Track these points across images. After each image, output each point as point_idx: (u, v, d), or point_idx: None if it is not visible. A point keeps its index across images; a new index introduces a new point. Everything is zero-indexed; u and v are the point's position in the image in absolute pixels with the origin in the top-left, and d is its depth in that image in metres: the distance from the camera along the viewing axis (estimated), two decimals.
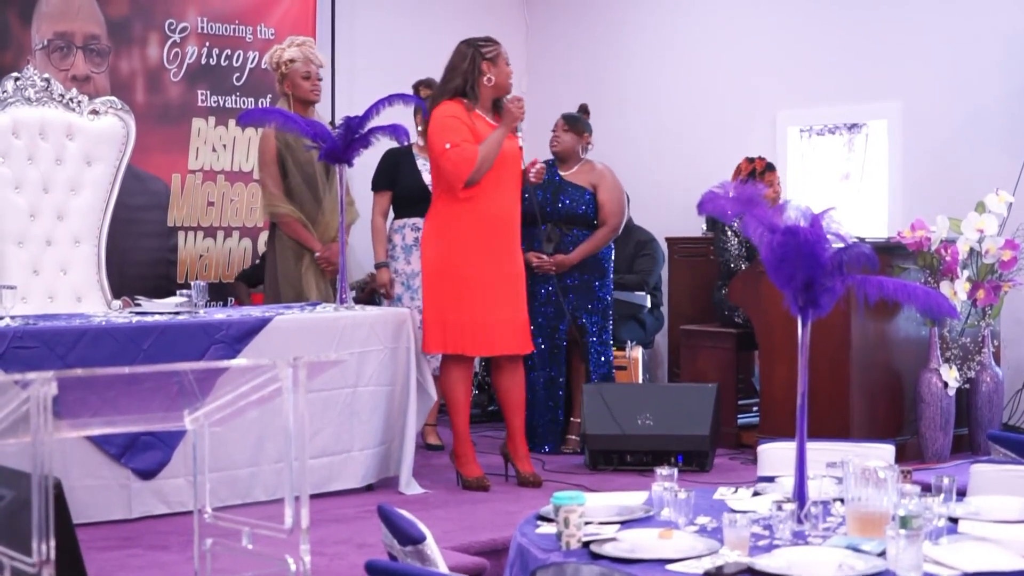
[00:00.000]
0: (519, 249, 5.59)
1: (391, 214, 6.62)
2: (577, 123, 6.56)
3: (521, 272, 5.57)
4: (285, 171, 5.98)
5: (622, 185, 6.64)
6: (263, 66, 6.37)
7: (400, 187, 6.50)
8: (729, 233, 6.79)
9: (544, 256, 6.26)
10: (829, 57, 7.59)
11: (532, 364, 6.27)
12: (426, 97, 6.32)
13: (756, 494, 3.41)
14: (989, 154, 6.84)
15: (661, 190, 8.17)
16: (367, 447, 5.39)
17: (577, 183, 6.44)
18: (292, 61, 6.05)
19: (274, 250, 6.05)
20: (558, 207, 6.36)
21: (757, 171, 6.88)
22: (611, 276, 6.60)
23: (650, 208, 8.00)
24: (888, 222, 7.21)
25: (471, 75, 5.46)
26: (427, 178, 6.46)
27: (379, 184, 6.54)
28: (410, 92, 6.52)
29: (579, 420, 6.25)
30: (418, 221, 6.47)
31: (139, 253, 7.16)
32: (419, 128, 6.50)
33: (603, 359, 6.46)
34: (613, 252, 6.66)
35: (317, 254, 5.97)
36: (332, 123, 6.93)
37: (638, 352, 7.02)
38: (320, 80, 6.17)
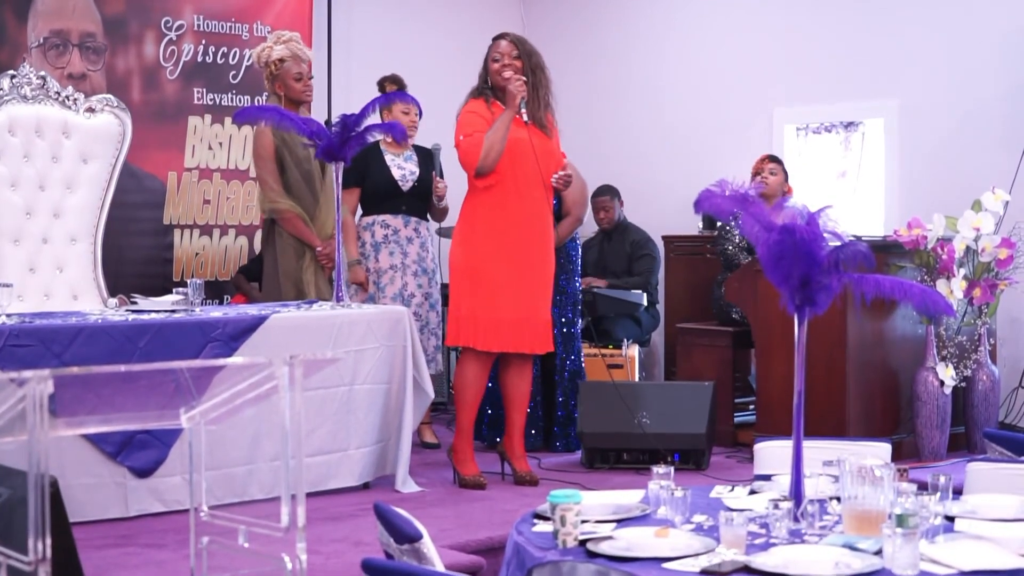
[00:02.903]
0: (548, 247, 5.52)
1: (359, 211, 6.59)
2: None
3: (545, 271, 5.53)
4: (283, 167, 5.96)
5: (584, 179, 6.64)
6: (250, 62, 6.34)
7: (369, 183, 6.46)
8: (733, 224, 6.80)
9: None
10: (826, 55, 7.60)
11: None
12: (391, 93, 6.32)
13: (753, 492, 3.41)
14: (986, 152, 6.84)
15: (658, 188, 8.18)
16: (363, 445, 5.38)
17: None
18: (282, 61, 6.01)
19: (273, 248, 6.00)
20: None
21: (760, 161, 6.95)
22: (579, 270, 6.61)
23: (646, 206, 8.01)
24: (884, 220, 7.21)
25: (483, 79, 5.53)
26: (397, 173, 6.44)
27: (348, 181, 6.48)
28: (407, 90, 6.51)
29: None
30: (388, 218, 6.43)
31: (135, 251, 7.15)
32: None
33: (572, 353, 6.45)
34: (580, 246, 6.67)
35: (318, 250, 5.96)
36: (328, 121, 6.92)
37: (634, 350, 7.02)
38: (311, 78, 6.14)
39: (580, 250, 6.68)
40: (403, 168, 6.47)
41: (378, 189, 6.45)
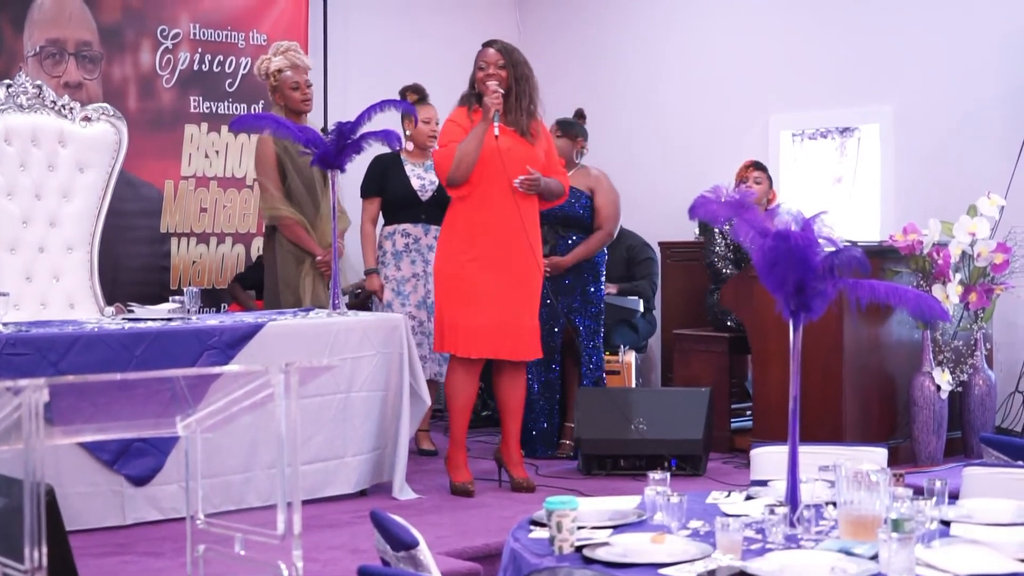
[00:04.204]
0: (532, 254, 5.49)
1: (381, 220, 6.62)
2: (571, 128, 6.57)
3: (531, 277, 5.51)
4: (284, 175, 5.99)
5: (617, 191, 6.63)
6: (255, 74, 6.38)
7: (389, 193, 6.50)
8: (717, 236, 6.80)
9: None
10: (821, 61, 7.61)
11: (528, 366, 6.25)
12: (413, 102, 6.34)
13: (749, 498, 3.41)
14: (981, 157, 6.85)
15: (654, 194, 8.18)
16: (360, 452, 5.38)
17: (575, 187, 6.43)
18: (280, 72, 6.06)
19: (273, 255, 6.03)
20: (555, 210, 6.36)
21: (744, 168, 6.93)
22: (604, 279, 6.60)
23: (643, 212, 8.01)
24: (880, 226, 7.22)
25: (471, 83, 5.54)
26: (416, 183, 6.47)
27: (368, 190, 6.54)
28: (422, 98, 6.52)
29: (573, 425, 6.26)
30: (408, 227, 6.47)
31: (132, 259, 7.16)
32: (407, 133, 6.50)
33: (594, 362, 6.45)
34: (607, 256, 6.66)
35: (318, 258, 5.97)
36: (324, 129, 6.93)
37: (631, 356, 7.01)
38: (310, 86, 6.16)
39: (606, 258, 6.66)
40: (423, 178, 6.49)
41: (397, 199, 6.48)
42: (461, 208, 5.47)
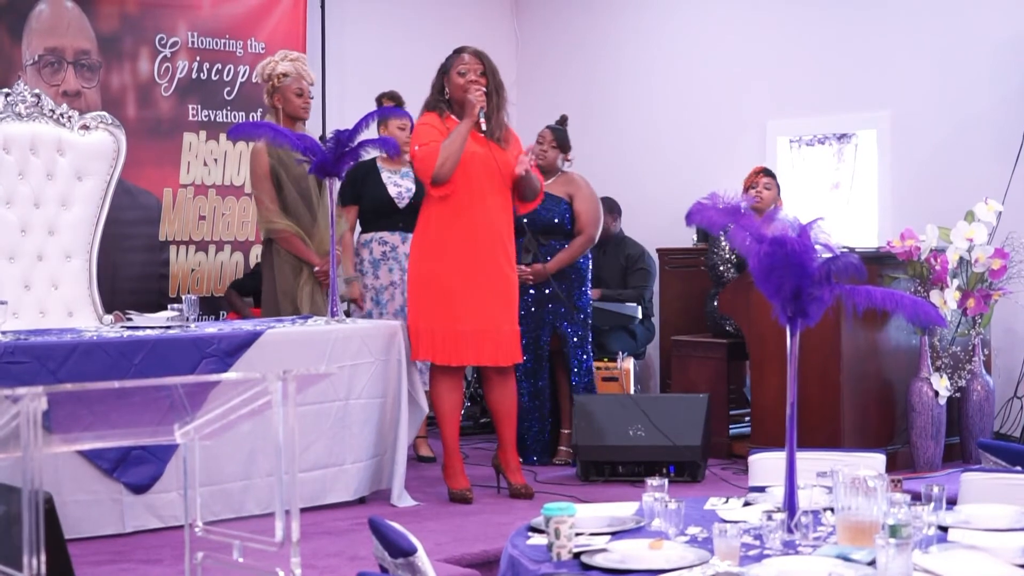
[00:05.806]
0: (507, 259, 5.50)
1: (358, 228, 6.61)
2: (564, 141, 6.58)
3: (508, 282, 5.50)
4: (279, 186, 5.96)
5: (597, 195, 6.63)
6: (254, 78, 6.37)
7: (366, 200, 6.50)
8: (722, 238, 6.80)
9: (523, 267, 6.24)
10: (818, 67, 7.62)
11: (517, 375, 6.25)
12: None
13: (747, 504, 3.42)
14: (978, 163, 6.86)
15: (651, 201, 8.19)
16: (359, 460, 5.39)
17: (554, 194, 6.43)
18: (285, 75, 6.04)
19: (271, 266, 6.00)
20: (535, 218, 6.34)
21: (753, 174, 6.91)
22: (589, 285, 6.59)
23: (640, 219, 8.02)
24: (878, 231, 7.23)
25: (438, 90, 5.52)
26: (393, 191, 6.47)
27: (345, 198, 6.52)
28: (398, 105, 6.54)
29: (569, 431, 6.26)
30: (385, 235, 6.47)
31: (131, 267, 7.16)
32: None
33: (585, 368, 6.44)
34: (591, 261, 6.65)
35: (316, 268, 5.96)
36: (323, 137, 6.94)
37: (629, 363, 7.02)
38: (311, 98, 6.17)
39: (591, 264, 6.66)
40: (399, 185, 6.49)
41: (374, 207, 6.48)
42: (437, 210, 5.42)
